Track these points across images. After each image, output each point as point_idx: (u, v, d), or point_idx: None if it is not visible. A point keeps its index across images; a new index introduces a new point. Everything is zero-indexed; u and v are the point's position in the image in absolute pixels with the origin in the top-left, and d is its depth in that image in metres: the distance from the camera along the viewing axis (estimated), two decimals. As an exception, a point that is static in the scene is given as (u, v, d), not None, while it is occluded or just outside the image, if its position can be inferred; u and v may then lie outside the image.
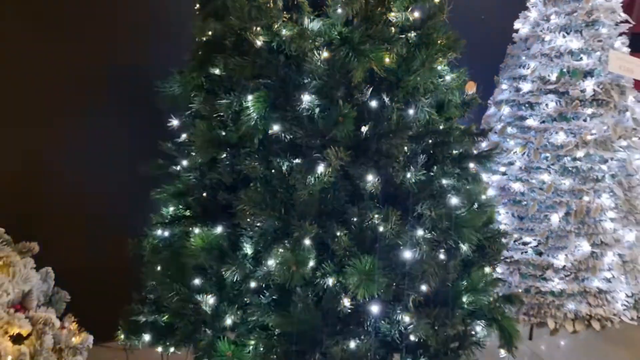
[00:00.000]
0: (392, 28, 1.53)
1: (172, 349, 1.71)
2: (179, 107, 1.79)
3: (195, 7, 1.71)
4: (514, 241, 2.36)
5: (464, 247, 1.65)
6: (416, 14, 1.59)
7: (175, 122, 1.75)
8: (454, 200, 1.63)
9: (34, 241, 1.88)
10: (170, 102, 1.76)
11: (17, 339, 1.51)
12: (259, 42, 1.51)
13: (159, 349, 1.82)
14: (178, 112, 1.79)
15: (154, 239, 1.83)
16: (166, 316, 1.76)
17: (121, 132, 2.29)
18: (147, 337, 1.82)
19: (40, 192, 2.22)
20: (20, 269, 1.59)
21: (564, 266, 2.30)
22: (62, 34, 2.18)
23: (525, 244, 2.37)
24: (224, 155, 1.59)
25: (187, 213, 1.76)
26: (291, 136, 1.49)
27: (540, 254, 2.35)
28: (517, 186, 2.36)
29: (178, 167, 1.81)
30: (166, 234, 1.79)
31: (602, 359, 2.49)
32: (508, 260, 2.36)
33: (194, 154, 1.65)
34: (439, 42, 1.60)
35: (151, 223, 1.88)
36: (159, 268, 1.75)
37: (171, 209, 1.85)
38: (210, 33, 1.70)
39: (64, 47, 2.18)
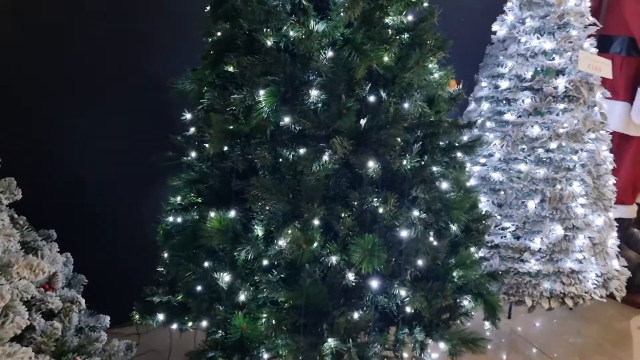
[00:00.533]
0: (389, 30, 1.71)
1: (190, 324, 1.85)
2: (189, 103, 1.94)
3: (206, 10, 1.85)
4: (495, 226, 2.55)
5: (454, 228, 1.84)
6: (409, 18, 1.77)
7: (188, 116, 1.89)
8: (444, 185, 1.81)
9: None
10: (181, 98, 1.91)
11: (48, 317, 1.63)
12: (269, 43, 1.66)
13: (174, 326, 1.96)
14: (189, 107, 1.94)
15: (167, 225, 1.98)
16: (180, 296, 1.91)
17: (136, 126, 2.42)
18: (161, 317, 1.97)
19: (53, 181, 2.33)
20: (47, 252, 1.71)
21: (540, 249, 2.50)
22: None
23: (504, 229, 2.57)
24: (237, 145, 1.74)
25: (199, 200, 1.90)
26: (300, 127, 1.65)
27: (518, 237, 2.54)
28: (496, 176, 2.56)
29: (188, 158, 1.95)
30: (179, 220, 1.94)
31: (574, 334, 2.71)
32: (489, 244, 2.55)
33: (207, 145, 1.79)
34: (429, 42, 1.78)
35: (163, 211, 2.02)
36: (172, 251, 1.89)
37: (179, 198, 1.99)
38: (219, 34, 1.85)
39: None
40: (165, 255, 2.02)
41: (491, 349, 2.57)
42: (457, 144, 1.92)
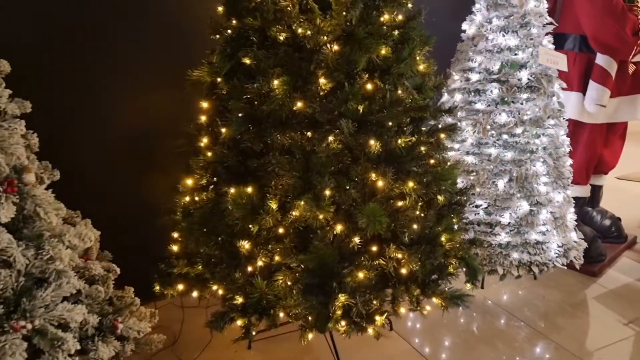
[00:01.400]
0: (384, 27, 1.97)
1: (214, 287, 2.06)
2: (203, 93, 2.16)
3: (219, 9, 2.07)
4: (469, 204, 2.85)
5: (440, 198, 2.12)
6: (400, 17, 2.04)
7: (205, 105, 2.11)
8: (432, 161, 2.09)
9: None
10: (195, 88, 2.12)
11: (90, 283, 1.82)
12: (281, 38, 1.90)
13: (194, 294, 2.18)
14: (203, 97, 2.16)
15: (184, 203, 2.18)
16: (199, 266, 2.12)
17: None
18: (180, 287, 2.18)
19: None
20: (83, 227, 1.90)
21: (509, 223, 2.82)
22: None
23: (477, 206, 2.87)
24: (252, 129, 1.97)
25: (215, 180, 2.12)
26: (310, 111, 1.89)
27: (489, 214, 2.85)
28: (469, 159, 2.86)
29: (202, 144, 2.16)
30: (196, 198, 2.15)
31: (539, 299, 3.03)
32: (465, 220, 2.85)
33: (223, 130, 2.01)
34: (417, 37, 2.06)
35: (179, 191, 2.23)
36: (192, 226, 2.10)
37: (190, 181, 2.20)
38: (229, 31, 2.08)
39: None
40: (177, 235, 2.24)
41: (467, 315, 2.87)
42: (440, 127, 2.20)
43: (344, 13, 1.89)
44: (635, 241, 3.71)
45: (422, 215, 2.09)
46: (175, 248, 2.22)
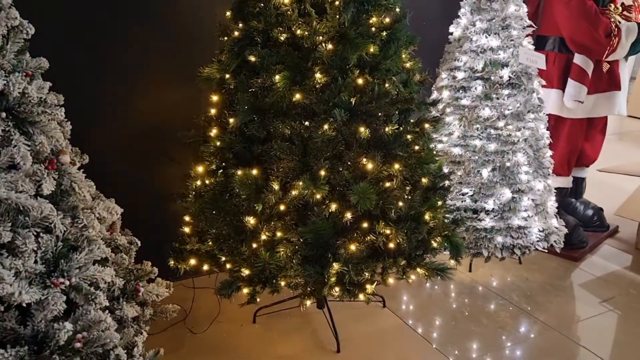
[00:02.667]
0: (373, 28, 2.23)
1: (223, 258, 2.31)
2: (213, 88, 2.42)
3: (227, 13, 2.34)
4: (456, 192, 3.10)
5: (424, 180, 2.37)
6: (387, 20, 2.30)
7: (215, 98, 2.37)
8: (416, 147, 2.34)
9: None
10: (206, 83, 2.38)
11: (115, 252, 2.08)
12: (282, 38, 2.17)
13: (205, 267, 2.43)
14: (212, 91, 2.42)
15: (197, 187, 2.44)
16: (210, 242, 2.38)
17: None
18: (192, 261, 2.43)
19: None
20: (110, 202, 2.16)
21: (493, 209, 3.07)
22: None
23: (464, 194, 3.12)
24: (256, 119, 2.23)
25: (223, 165, 2.37)
26: (307, 102, 2.15)
27: (475, 201, 3.10)
28: (456, 150, 3.11)
29: (211, 134, 2.42)
30: (207, 182, 2.41)
31: (523, 281, 3.28)
32: (452, 207, 3.10)
33: (231, 120, 2.27)
34: (402, 38, 2.32)
35: (190, 176, 2.49)
36: (203, 206, 2.36)
37: (200, 168, 2.46)
38: (236, 33, 2.34)
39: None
40: (188, 218, 2.49)
41: (456, 296, 3.12)
42: (425, 118, 2.46)
43: (337, 16, 2.15)
44: (617, 230, 3.95)
45: (409, 197, 2.34)
46: (187, 230, 2.47)
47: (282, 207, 2.18)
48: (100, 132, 2.69)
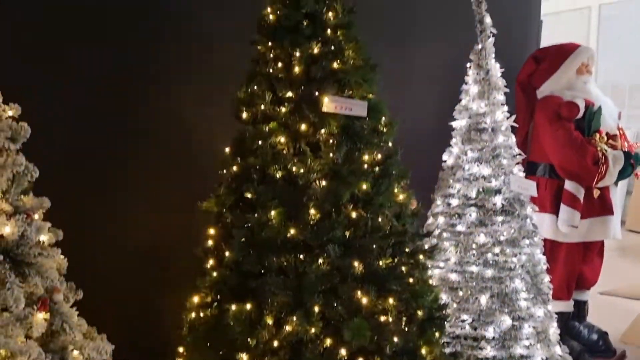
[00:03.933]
0: (365, 165, 2.32)
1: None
2: (211, 221, 2.47)
3: (226, 150, 2.45)
4: (455, 319, 3.05)
5: (420, 313, 2.35)
6: (379, 156, 2.40)
7: (212, 231, 2.42)
8: (410, 280, 2.34)
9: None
10: (205, 215, 2.44)
11: None
12: (277, 175, 2.25)
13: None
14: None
15: (191, 319, 2.42)
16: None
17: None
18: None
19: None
20: (100, 341, 2.13)
21: (493, 337, 3.00)
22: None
23: (463, 321, 3.07)
24: (253, 252, 2.26)
25: (218, 297, 2.37)
26: (302, 237, 2.19)
27: (475, 328, 3.04)
28: (453, 276, 3.11)
29: (208, 265, 2.44)
30: (201, 315, 2.38)
31: (530, 414, 3.13)
32: (451, 334, 3.04)
33: (227, 253, 2.30)
34: (394, 173, 2.40)
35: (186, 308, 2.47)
36: (196, 340, 2.32)
37: (196, 298, 2.45)
38: (235, 168, 2.43)
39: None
40: (182, 350, 2.45)
41: None
42: (420, 249, 2.48)
43: (331, 154, 2.25)
44: (624, 355, 3.82)
45: (405, 329, 2.31)
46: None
47: (275, 344, 2.15)
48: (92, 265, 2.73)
